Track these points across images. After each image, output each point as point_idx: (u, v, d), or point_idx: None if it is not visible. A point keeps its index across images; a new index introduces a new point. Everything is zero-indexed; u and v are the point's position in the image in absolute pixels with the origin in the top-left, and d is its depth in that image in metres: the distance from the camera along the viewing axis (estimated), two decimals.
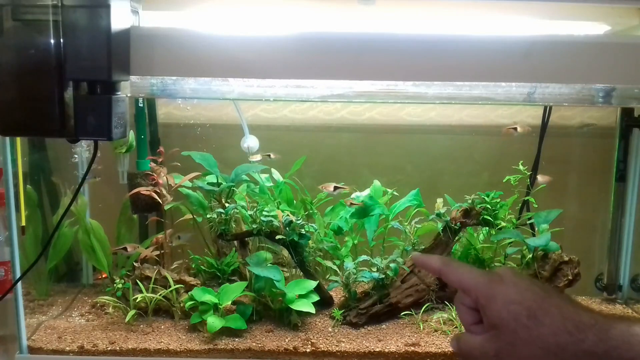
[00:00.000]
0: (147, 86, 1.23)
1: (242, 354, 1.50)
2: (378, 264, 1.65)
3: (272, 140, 1.93)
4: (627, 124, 1.79)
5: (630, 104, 1.54)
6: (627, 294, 1.86)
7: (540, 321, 0.64)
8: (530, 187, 1.80)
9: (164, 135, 1.95)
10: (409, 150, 2.00)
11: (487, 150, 1.98)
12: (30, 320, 1.64)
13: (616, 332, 0.62)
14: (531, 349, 0.64)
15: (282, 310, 1.62)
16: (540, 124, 1.89)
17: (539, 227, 1.68)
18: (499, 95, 1.23)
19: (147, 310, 1.64)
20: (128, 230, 1.86)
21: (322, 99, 1.26)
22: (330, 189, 1.74)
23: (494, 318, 0.67)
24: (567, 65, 1.16)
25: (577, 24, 1.48)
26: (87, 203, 1.84)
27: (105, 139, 1.12)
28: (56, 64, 1.06)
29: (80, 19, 1.05)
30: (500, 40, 1.17)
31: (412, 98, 1.24)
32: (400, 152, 2.01)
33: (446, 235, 1.69)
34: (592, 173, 2.00)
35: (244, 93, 1.25)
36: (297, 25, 1.28)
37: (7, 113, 1.09)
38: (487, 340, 0.68)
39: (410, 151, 1.98)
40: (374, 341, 1.53)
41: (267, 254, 1.71)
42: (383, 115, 2.01)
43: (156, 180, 1.73)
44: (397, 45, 1.16)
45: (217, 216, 1.68)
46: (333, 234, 1.82)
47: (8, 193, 1.41)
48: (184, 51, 1.16)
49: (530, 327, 0.64)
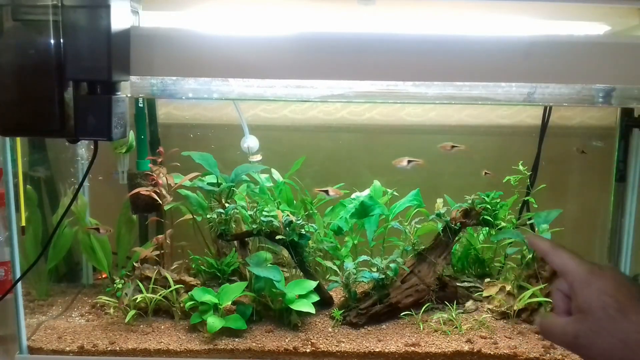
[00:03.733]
0: (147, 86, 1.23)
1: (242, 354, 1.50)
2: (378, 264, 1.65)
3: (272, 140, 1.93)
4: (627, 124, 1.79)
5: (630, 104, 1.54)
6: None
7: (627, 316, 0.65)
8: (530, 187, 1.80)
9: (163, 136, 1.95)
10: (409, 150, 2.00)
11: (487, 150, 1.98)
12: (30, 320, 1.64)
13: None
14: (611, 341, 0.65)
15: (282, 311, 1.62)
16: (540, 124, 1.90)
17: (539, 227, 1.69)
18: (499, 95, 1.23)
19: (147, 311, 1.64)
20: (128, 230, 1.86)
21: (322, 99, 1.26)
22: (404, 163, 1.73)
23: (584, 303, 0.68)
24: (567, 65, 1.16)
25: (577, 24, 1.49)
26: (87, 203, 1.84)
27: (105, 139, 1.12)
28: (56, 64, 1.06)
29: (80, 19, 1.05)
30: (500, 40, 1.17)
31: (412, 98, 1.24)
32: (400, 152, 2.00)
33: (446, 236, 1.70)
34: (592, 173, 2.00)
35: (244, 93, 1.25)
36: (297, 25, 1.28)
37: (7, 113, 1.09)
38: (570, 322, 0.70)
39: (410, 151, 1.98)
40: (374, 341, 1.53)
41: (267, 254, 1.71)
42: (383, 115, 2.01)
43: (156, 180, 1.73)
44: (397, 45, 1.16)
45: (217, 216, 1.68)
46: (333, 234, 1.82)
47: (8, 193, 1.41)
48: (184, 51, 1.16)
49: (616, 319, 0.65)
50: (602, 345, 0.66)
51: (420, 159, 1.74)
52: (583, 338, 0.68)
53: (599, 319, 0.67)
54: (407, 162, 1.72)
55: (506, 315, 1.65)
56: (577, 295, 0.70)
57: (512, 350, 1.49)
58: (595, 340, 0.67)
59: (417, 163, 1.73)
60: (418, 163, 1.73)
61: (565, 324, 0.71)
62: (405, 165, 1.72)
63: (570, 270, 0.73)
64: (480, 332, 1.58)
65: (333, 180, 1.87)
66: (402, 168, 1.73)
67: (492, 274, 1.84)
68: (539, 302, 1.61)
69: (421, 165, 1.74)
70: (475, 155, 1.91)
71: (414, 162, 1.72)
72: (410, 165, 1.72)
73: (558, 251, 0.75)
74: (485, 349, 1.49)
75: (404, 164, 1.72)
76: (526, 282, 1.65)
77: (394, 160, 1.74)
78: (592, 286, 0.69)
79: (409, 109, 2.00)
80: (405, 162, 1.72)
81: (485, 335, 1.56)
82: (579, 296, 0.70)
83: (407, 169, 1.74)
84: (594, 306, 0.67)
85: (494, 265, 1.85)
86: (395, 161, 1.73)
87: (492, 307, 1.68)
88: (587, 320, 0.68)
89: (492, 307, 1.68)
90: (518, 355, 1.48)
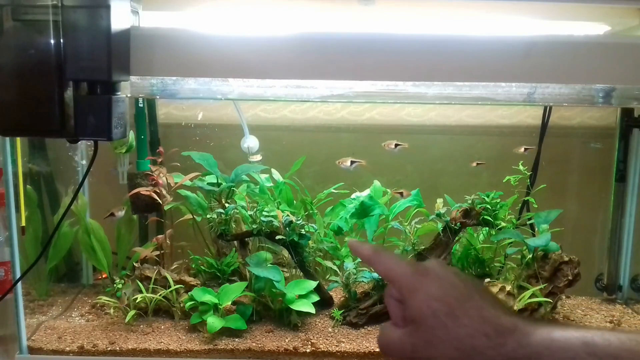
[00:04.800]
0: (147, 86, 1.23)
1: (242, 354, 1.50)
2: None
3: (272, 141, 1.93)
4: (627, 124, 1.79)
5: (630, 104, 1.54)
6: (627, 294, 1.86)
7: (458, 321, 0.61)
8: (531, 187, 1.80)
9: (163, 136, 1.95)
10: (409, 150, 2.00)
11: (487, 150, 1.98)
12: (30, 320, 1.64)
13: (537, 338, 0.60)
14: (447, 349, 0.61)
15: (282, 311, 1.62)
16: (540, 124, 1.90)
17: (539, 227, 1.68)
18: (499, 95, 1.23)
19: (147, 311, 1.64)
20: (128, 230, 1.86)
21: (322, 99, 1.26)
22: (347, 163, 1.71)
23: (414, 312, 0.64)
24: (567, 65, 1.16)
25: (577, 24, 1.49)
26: (87, 203, 1.84)
27: (105, 139, 1.12)
28: (56, 64, 1.06)
29: (80, 19, 1.05)
30: (500, 40, 1.17)
31: (412, 98, 1.24)
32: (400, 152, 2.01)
33: (446, 236, 1.69)
34: (592, 173, 2.00)
35: (244, 93, 1.25)
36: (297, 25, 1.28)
37: (7, 113, 1.09)
38: (405, 335, 0.65)
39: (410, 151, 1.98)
40: (374, 341, 1.53)
41: (267, 254, 1.71)
42: (383, 115, 2.01)
43: (156, 180, 1.72)
44: (397, 45, 1.16)
45: (217, 216, 1.68)
46: (333, 234, 1.82)
47: (8, 193, 1.41)
48: (184, 51, 1.16)
49: (448, 326, 0.61)
50: (440, 355, 0.62)
51: (364, 160, 1.74)
52: (420, 350, 0.63)
53: (432, 328, 0.62)
54: (350, 162, 1.72)
55: None
56: (407, 304, 0.65)
57: None
58: (433, 350, 0.62)
59: (360, 164, 1.73)
60: (361, 164, 1.73)
61: (401, 336, 0.65)
62: (348, 165, 1.71)
63: (395, 277, 0.67)
64: None
65: (333, 180, 1.87)
66: (346, 169, 1.73)
67: (492, 274, 1.84)
68: (539, 302, 1.61)
69: (364, 166, 1.73)
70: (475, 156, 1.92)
71: (357, 163, 1.72)
72: (353, 166, 1.72)
73: (381, 256, 0.69)
74: None
75: (347, 164, 1.72)
76: (526, 282, 1.65)
77: (338, 160, 1.74)
78: (420, 292, 0.64)
79: (409, 109, 2.00)
80: (348, 162, 1.72)
81: None
82: (408, 305, 0.65)
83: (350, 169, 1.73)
84: (425, 315, 0.62)
85: (494, 265, 1.85)
86: (339, 161, 1.74)
87: None
88: (421, 330, 0.63)
89: None
90: None
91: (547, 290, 1.61)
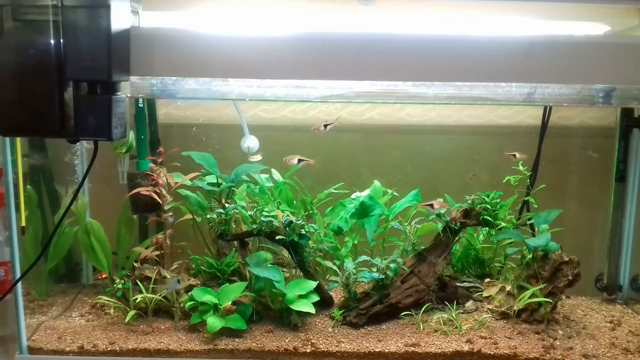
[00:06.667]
0: (147, 86, 1.24)
1: (242, 354, 1.50)
2: (378, 264, 1.65)
3: (272, 141, 1.93)
4: (627, 124, 1.80)
5: (630, 104, 1.54)
6: (627, 294, 1.86)
7: None
8: (531, 187, 1.80)
9: (163, 136, 1.95)
10: (409, 150, 2.00)
11: (487, 150, 1.98)
12: (30, 320, 1.64)
13: None
14: None
15: (282, 311, 1.62)
16: (540, 124, 1.90)
17: (539, 227, 1.69)
18: (499, 95, 1.24)
19: (147, 311, 1.64)
20: (128, 230, 1.86)
21: (323, 99, 1.26)
22: (294, 161, 1.72)
23: None
24: (567, 65, 1.17)
25: (577, 24, 1.49)
26: (87, 203, 1.84)
27: (105, 139, 1.12)
28: (56, 64, 1.06)
29: (80, 20, 1.05)
30: (500, 41, 1.17)
31: (412, 98, 1.25)
32: (400, 152, 2.01)
33: (446, 236, 1.69)
34: (592, 173, 2.00)
35: (244, 93, 1.25)
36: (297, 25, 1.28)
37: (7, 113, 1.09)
38: None
39: (410, 151, 1.99)
40: (374, 341, 1.53)
41: (267, 254, 1.71)
42: (383, 115, 2.01)
43: (156, 180, 1.73)
44: (397, 45, 1.16)
45: (217, 216, 1.68)
46: (333, 234, 1.82)
47: (8, 193, 1.41)
48: (184, 51, 1.16)
49: None
50: None
51: (312, 159, 1.73)
52: None
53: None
54: (298, 160, 1.71)
55: (506, 315, 1.65)
56: None
57: (512, 350, 1.49)
58: None
59: (307, 162, 1.72)
60: (309, 163, 1.73)
61: None
62: (295, 163, 1.71)
63: None
64: (480, 332, 1.58)
65: (333, 180, 1.87)
66: (293, 166, 1.72)
67: (492, 274, 1.84)
68: (539, 302, 1.61)
69: (312, 165, 1.73)
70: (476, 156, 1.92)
71: (304, 162, 1.71)
72: (300, 164, 1.71)
73: None
74: (485, 349, 1.49)
75: (294, 162, 1.71)
76: (526, 282, 1.65)
77: (285, 157, 1.73)
78: None
79: (409, 109, 2.00)
80: (295, 160, 1.72)
81: (485, 335, 1.56)
82: None
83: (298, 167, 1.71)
84: None
85: (494, 265, 1.85)
86: (287, 158, 1.73)
87: (492, 307, 1.68)
88: None
89: (492, 307, 1.68)
90: (518, 355, 1.48)
91: (547, 290, 1.61)
